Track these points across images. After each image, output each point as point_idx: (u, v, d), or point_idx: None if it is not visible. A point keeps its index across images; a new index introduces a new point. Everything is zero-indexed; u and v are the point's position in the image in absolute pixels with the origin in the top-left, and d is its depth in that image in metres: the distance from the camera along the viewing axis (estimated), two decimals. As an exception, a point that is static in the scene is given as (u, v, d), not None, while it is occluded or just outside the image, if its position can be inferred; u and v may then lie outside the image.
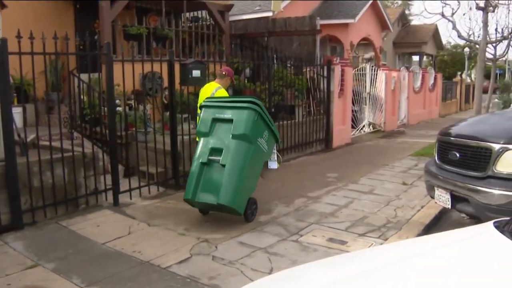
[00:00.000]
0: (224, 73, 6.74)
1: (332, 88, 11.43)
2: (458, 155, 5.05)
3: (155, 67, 7.08)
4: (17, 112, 6.33)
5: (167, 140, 7.28)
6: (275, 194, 6.70)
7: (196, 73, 7.24)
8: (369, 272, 2.11)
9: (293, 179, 8.14)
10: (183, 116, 7.72)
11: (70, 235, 5.27)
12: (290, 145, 9.97)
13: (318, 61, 11.36)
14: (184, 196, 5.67)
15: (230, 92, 8.28)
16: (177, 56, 9.50)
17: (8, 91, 5.35)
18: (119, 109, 7.46)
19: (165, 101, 8.76)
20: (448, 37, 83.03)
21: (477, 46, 13.88)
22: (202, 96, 6.55)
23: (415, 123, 17.98)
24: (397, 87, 16.25)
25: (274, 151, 6.17)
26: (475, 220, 5.05)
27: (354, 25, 18.41)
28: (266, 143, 5.79)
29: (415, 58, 33.36)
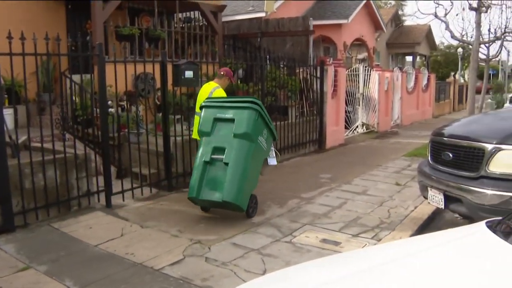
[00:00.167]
0: (222, 73, 6.83)
1: (325, 89, 11.44)
2: (451, 155, 5.07)
3: (148, 68, 7.05)
4: (8, 113, 6.30)
5: (159, 141, 7.25)
6: (268, 195, 6.68)
7: (188, 74, 7.21)
8: (363, 272, 2.12)
9: (286, 180, 8.13)
10: (175, 117, 7.69)
11: (62, 237, 5.23)
12: (284, 146, 9.95)
13: (311, 62, 11.37)
14: (188, 195, 5.78)
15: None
16: (170, 56, 9.51)
17: (-1, 92, 5.31)
18: (111, 110, 7.42)
19: (158, 102, 8.73)
20: (441, 37, 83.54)
21: (470, 46, 13.92)
22: (201, 95, 6.62)
23: (408, 123, 18.04)
24: (391, 87, 16.30)
25: (272, 148, 6.34)
26: (469, 220, 5.06)
27: (347, 25, 18.45)
28: (265, 141, 5.96)
29: (409, 58, 33.45)
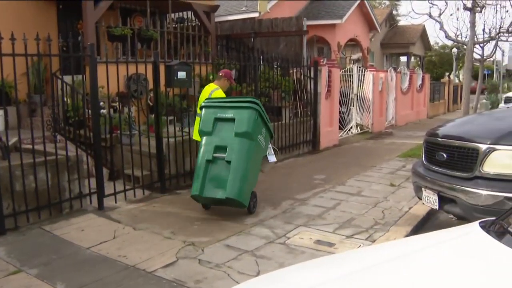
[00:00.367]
0: (221, 75, 7.01)
1: (319, 89, 11.41)
2: (445, 156, 5.06)
3: (140, 69, 7.02)
4: (-2, 115, 6.24)
5: (152, 142, 7.20)
6: (262, 196, 6.65)
7: (181, 74, 7.18)
8: (357, 273, 2.13)
9: (280, 181, 8.11)
10: (168, 118, 7.66)
11: (53, 240, 5.18)
12: (277, 147, 9.91)
13: (305, 62, 11.32)
14: (192, 192, 5.95)
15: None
16: (162, 57, 9.46)
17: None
18: (103, 111, 7.36)
19: (150, 103, 8.69)
20: (435, 37, 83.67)
21: (465, 46, 13.91)
22: (202, 97, 6.79)
23: (403, 124, 18.06)
24: (385, 88, 16.31)
25: (270, 145, 6.58)
26: (463, 221, 5.04)
27: (341, 25, 18.46)
28: (264, 140, 6.18)
29: (403, 58, 33.57)
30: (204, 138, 6.01)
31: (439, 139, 5.31)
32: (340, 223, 5.78)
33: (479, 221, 2.54)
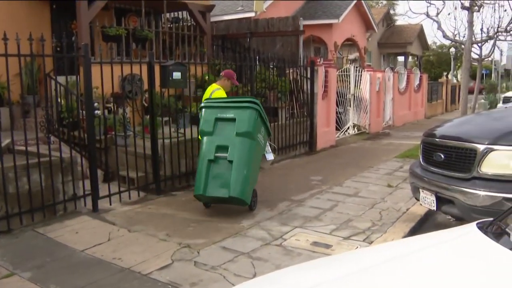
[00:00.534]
0: (222, 74, 7.07)
1: (315, 90, 11.37)
2: (443, 156, 5.04)
3: (135, 69, 6.97)
4: (-9, 116, 6.18)
5: (147, 144, 7.17)
6: (258, 197, 6.60)
7: (176, 75, 7.15)
8: (355, 274, 2.13)
9: (276, 182, 8.08)
10: (163, 119, 7.62)
11: (47, 243, 5.14)
12: (274, 148, 9.86)
13: (301, 62, 11.28)
14: (195, 192, 6.04)
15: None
16: (157, 57, 9.45)
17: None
18: (97, 112, 7.33)
19: (145, 103, 8.65)
20: (433, 37, 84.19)
21: (463, 46, 13.85)
22: (204, 97, 6.86)
23: (400, 124, 18.05)
24: (382, 88, 16.29)
25: (268, 143, 6.69)
26: (461, 221, 5.02)
27: (338, 25, 18.42)
28: (263, 138, 6.32)
29: (400, 58, 33.51)
30: (205, 138, 6.10)
31: (436, 139, 5.29)
32: (337, 225, 5.75)
33: (476, 222, 2.54)
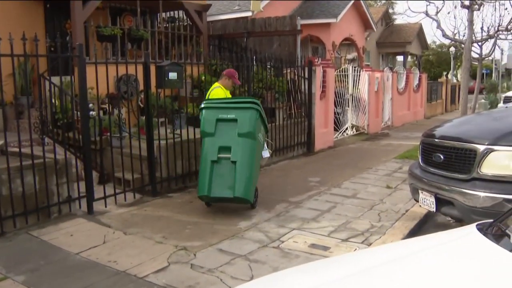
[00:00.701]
0: (223, 73, 7.12)
1: (313, 90, 11.33)
2: (442, 157, 5.00)
3: (130, 70, 6.91)
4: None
5: (143, 145, 7.11)
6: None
7: (172, 75, 7.12)
8: (353, 276, 2.13)
9: (274, 184, 8.04)
10: (159, 120, 7.58)
11: (41, 246, 5.10)
12: (271, 149, 9.80)
13: (299, 62, 11.23)
14: (198, 193, 6.10)
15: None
16: (153, 57, 9.44)
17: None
18: (92, 113, 7.29)
19: (141, 104, 8.61)
20: (433, 36, 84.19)
21: (463, 45, 13.79)
22: (206, 97, 6.95)
23: (399, 125, 18.02)
24: (381, 88, 16.26)
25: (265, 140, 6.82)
26: (461, 223, 4.98)
27: (336, 24, 18.37)
28: (262, 137, 6.44)
29: (399, 58, 33.48)
30: (207, 139, 6.14)
31: (436, 140, 5.26)
32: (335, 226, 5.71)
33: (476, 223, 2.53)
